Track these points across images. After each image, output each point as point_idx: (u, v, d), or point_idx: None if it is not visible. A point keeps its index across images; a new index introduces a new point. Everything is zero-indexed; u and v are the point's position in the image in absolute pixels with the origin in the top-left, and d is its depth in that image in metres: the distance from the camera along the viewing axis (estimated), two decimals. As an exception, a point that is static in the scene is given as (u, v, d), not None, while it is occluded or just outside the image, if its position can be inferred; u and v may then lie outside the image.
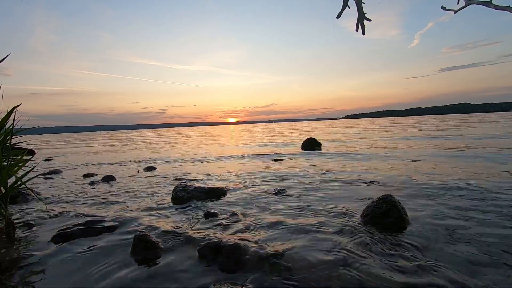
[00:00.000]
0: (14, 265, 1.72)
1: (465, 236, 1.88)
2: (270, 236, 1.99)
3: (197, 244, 1.87)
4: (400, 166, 4.63)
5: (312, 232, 2.04)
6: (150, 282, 1.48)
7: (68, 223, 2.39)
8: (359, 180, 3.67)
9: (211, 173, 4.80)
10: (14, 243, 2.08)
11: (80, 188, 4.00)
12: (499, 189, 2.97)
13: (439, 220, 2.17)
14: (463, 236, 1.88)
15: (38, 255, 1.84)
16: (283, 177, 4.15)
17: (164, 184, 4.07)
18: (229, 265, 1.61)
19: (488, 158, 5.03)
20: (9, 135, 2.42)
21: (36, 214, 2.76)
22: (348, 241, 1.87)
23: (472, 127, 15.61)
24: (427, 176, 3.75)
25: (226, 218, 2.41)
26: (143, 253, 1.80)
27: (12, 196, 2.97)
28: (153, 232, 2.12)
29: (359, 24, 1.92)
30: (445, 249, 1.72)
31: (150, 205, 2.95)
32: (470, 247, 1.73)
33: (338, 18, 1.92)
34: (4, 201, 2.29)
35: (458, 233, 1.93)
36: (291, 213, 2.48)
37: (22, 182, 2.38)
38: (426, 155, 5.82)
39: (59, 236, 2.12)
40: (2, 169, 2.25)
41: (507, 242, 1.78)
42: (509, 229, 1.96)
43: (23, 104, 2.54)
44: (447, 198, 2.75)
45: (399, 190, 3.13)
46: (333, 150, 7.57)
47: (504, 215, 2.23)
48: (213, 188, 3.28)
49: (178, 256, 1.76)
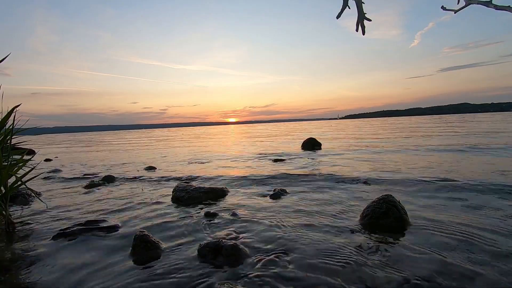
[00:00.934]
0: (14, 265, 1.72)
1: (466, 236, 1.88)
2: (270, 236, 1.99)
3: (197, 244, 1.87)
4: (400, 166, 4.63)
5: (312, 232, 2.04)
6: (150, 282, 1.48)
7: (68, 223, 2.39)
8: (359, 180, 3.67)
9: (211, 173, 4.80)
10: (14, 242, 2.08)
11: (80, 188, 4.00)
12: (503, 188, 2.97)
13: (440, 220, 2.17)
14: (463, 237, 1.88)
15: (38, 255, 1.84)
16: (283, 177, 4.15)
17: (164, 184, 4.07)
18: (229, 265, 1.61)
19: (493, 155, 5.02)
20: (9, 135, 2.42)
21: (36, 214, 2.76)
22: (348, 241, 1.87)
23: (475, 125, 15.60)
24: (428, 176, 3.74)
25: (226, 218, 2.41)
26: (143, 253, 1.80)
27: (12, 196, 2.97)
28: (153, 232, 2.12)
29: (359, 24, 1.91)
30: (445, 249, 1.72)
31: (150, 205, 2.95)
32: (471, 247, 1.72)
33: (338, 18, 1.92)
34: (4, 201, 2.29)
35: (458, 234, 1.92)
36: (291, 213, 2.48)
37: (22, 182, 2.38)
38: (427, 155, 5.82)
39: (59, 235, 2.12)
40: (2, 169, 2.25)
41: (509, 242, 1.78)
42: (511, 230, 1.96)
43: (23, 104, 2.54)
44: (448, 198, 2.75)
45: (400, 190, 3.13)
46: (333, 150, 7.57)
47: (506, 215, 2.22)
48: (213, 188, 3.28)
49: (178, 256, 1.76)
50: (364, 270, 1.52)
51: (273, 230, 2.10)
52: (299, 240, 1.91)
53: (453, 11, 1.86)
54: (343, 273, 1.49)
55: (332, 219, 2.29)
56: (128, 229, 2.24)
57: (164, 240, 1.99)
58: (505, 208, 2.39)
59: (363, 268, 1.53)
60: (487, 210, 2.37)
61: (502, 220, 2.13)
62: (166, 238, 2.02)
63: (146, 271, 1.59)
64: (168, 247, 1.89)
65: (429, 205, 2.55)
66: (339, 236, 1.96)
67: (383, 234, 1.96)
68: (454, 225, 2.07)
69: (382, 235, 1.95)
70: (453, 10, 1.86)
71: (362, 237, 1.92)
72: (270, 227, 2.16)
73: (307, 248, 1.79)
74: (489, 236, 1.86)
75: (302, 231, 2.06)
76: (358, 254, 1.69)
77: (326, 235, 1.98)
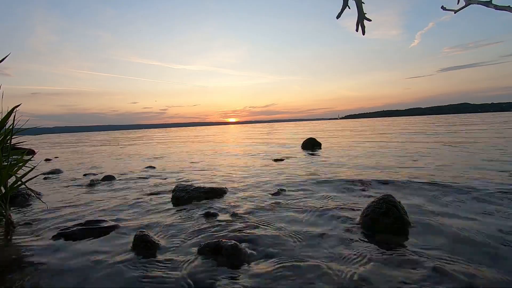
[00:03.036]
0: (14, 265, 1.72)
1: (466, 236, 1.88)
2: (270, 236, 1.99)
3: (197, 244, 1.87)
4: (401, 165, 4.63)
5: (312, 232, 2.04)
6: (150, 282, 1.48)
7: (68, 223, 2.39)
8: (359, 180, 3.67)
9: (211, 173, 4.81)
10: (14, 243, 2.08)
11: (80, 188, 3.99)
12: (505, 188, 2.97)
13: (440, 221, 2.17)
14: (464, 237, 1.88)
15: (38, 255, 1.84)
16: (283, 177, 4.15)
17: (164, 183, 4.07)
18: (229, 265, 1.61)
19: (495, 158, 5.02)
20: (9, 135, 2.42)
21: (36, 214, 2.76)
22: (348, 241, 1.87)
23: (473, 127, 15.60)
24: (429, 176, 3.74)
25: (226, 218, 2.41)
26: (143, 253, 1.80)
27: (12, 196, 2.97)
28: (153, 232, 2.12)
29: (359, 24, 1.92)
30: (445, 250, 1.72)
31: (150, 205, 2.95)
32: (471, 248, 1.73)
33: (338, 18, 1.92)
34: (4, 201, 2.29)
35: (459, 234, 1.93)
36: (291, 213, 2.48)
37: (22, 182, 2.38)
38: (428, 154, 5.82)
39: (59, 236, 2.12)
40: (2, 169, 2.25)
41: (510, 243, 1.78)
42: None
43: (23, 104, 2.54)
44: (449, 198, 2.75)
45: (400, 190, 3.13)
46: (333, 150, 7.57)
47: (508, 216, 2.23)
48: (213, 188, 3.28)
49: (178, 256, 1.76)
50: (364, 270, 1.52)
51: (273, 230, 2.10)
52: (298, 240, 1.92)
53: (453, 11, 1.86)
54: (343, 274, 1.49)
55: (332, 219, 2.29)
56: (128, 229, 2.24)
57: (164, 240, 1.99)
58: (506, 209, 2.39)
59: (363, 268, 1.53)
60: (488, 210, 2.37)
61: (503, 221, 2.13)
62: (166, 238, 2.02)
63: (146, 271, 1.59)
64: (168, 247, 1.89)
65: (430, 205, 2.55)
66: (340, 235, 1.96)
67: (383, 234, 1.96)
68: (454, 225, 2.07)
69: (382, 235, 1.95)
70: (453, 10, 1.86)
71: (362, 237, 1.92)
72: (270, 227, 2.16)
73: (307, 248, 1.79)
74: (490, 236, 1.86)
75: (302, 231, 2.06)
76: (358, 254, 1.69)
77: (326, 234, 1.98)
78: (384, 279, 1.43)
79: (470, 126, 16.60)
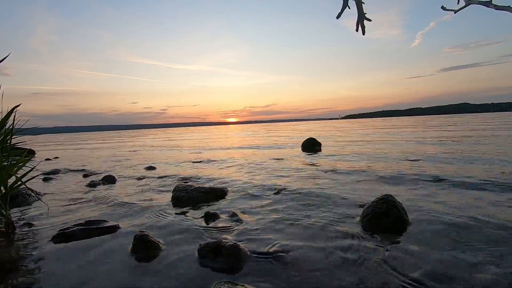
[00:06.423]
0: (14, 265, 1.72)
1: (467, 237, 1.88)
2: (270, 236, 1.99)
3: (197, 244, 1.87)
4: (401, 166, 4.63)
5: (311, 232, 2.04)
6: (150, 282, 1.48)
7: (68, 223, 2.39)
8: (359, 180, 3.67)
9: (211, 173, 4.81)
10: (14, 243, 2.08)
11: (80, 188, 4.00)
12: (505, 188, 2.97)
13: (441, 221, 2.16)
14: (464, 237, 1.88)
15: (38, 255, 1.84)
16: (283, 177, 4.15)
17: (164, 184, 4.07)
18: (229, 266, 1.61)
19: (494, 159, 5.02)
20: (9, 135, 2.42)
21: (36, 214, 2.76)
22: (348, 241, 1.87)
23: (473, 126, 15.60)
24: (429, 176, 3.74)
25: (226, 218, 2.41)
26: (143, 253, 1.80)
27: (12, 196, 2.97)
28: (153, 232, 2.11)
29: (359, 24, 1.92)
30: (445, 250, 1.71)
31: (150, 205, 2.95)
32: (472, 248, 1.72)
33: (338, 18, 1.92)
34: (4, 201, 2.29)
35: (459, 234, 1.92)
36: (291, 213, 2.48)
37: (22, 182, 2.38)
38: (428, 154, 5.82)
39: (59, 236, 2.12)
40: (2, 169, 2.25)
41: (510, 243, 1.78)
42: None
43: (23, 104, 2.54)
44: (449, 198, 2.75)
45: (400, 190, 3.13)
46: (333, 150, 7.57)
47: (509, 215, 2.22)
48: (213, 188, 3.28)
49: (178, 256, 1.75)
50: (364, 270, 1.51)
51: (273, 230, 2.10)
52: (298, 239, 1.91)
53: (453, 11, 1.86)
54: (343, 274, 1.49)
55: (332, 219, 2.29)
56: (128, 229, 2.24)
57: (164, 240, 1.99)
58: (507, 208, 2.38)
59: (363, 268, 1.53)
60: (489, 209, 2.36)
61: (504, 221, 2.13)
62: (166, 238, 2.02)
63: (146, 271, 1.59)
64: (168, 247, 1.89)
65: (430, 205, 2.54)
66: (339, 236, 1.96)
67: (383, 234, 1.96)
68: (455, 225, 2.06)
69: (382, 235, 1.95)
70: (453, 10, 1.86)
71: (362, 237, 1.92)
72: (270, 227, 2.16)
73: (307, 248, 1.79)
74: (492, 239, 1.86)
75: (302, 231, 2.06)
76: (358, 254, 1.68)
77: (326, 235, 1.98)
78: (384, 279, 1.43)
79: (467, 125, 16.60)
